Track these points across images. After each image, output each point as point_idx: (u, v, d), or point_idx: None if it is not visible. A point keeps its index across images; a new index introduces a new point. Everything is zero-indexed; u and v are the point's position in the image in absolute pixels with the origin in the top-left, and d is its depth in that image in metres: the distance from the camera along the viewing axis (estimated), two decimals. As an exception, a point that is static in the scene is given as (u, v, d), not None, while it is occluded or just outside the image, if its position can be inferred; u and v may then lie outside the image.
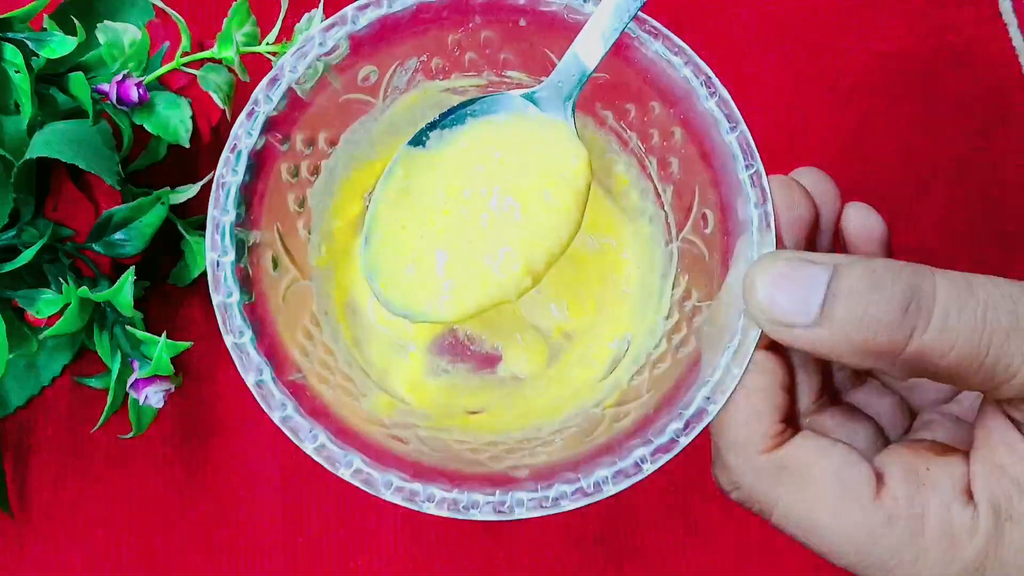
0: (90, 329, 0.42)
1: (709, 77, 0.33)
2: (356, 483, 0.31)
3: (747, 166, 0.33)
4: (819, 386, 0.34)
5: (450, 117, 0.35)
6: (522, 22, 0.35)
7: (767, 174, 0.33)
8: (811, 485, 0.29)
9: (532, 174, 0.34)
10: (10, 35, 0.41)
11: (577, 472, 0.31)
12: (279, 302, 0.34)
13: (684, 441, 0.31)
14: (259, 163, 0.33)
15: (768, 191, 0.32)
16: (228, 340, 0.31)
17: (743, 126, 0.33)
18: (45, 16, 0.43)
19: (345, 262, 0.40)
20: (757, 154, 0.33)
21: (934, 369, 0.27)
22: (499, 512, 0.30)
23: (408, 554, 0.47)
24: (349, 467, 0.31)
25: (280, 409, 0.31)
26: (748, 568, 0.48)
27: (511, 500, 0.30)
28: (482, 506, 0.30)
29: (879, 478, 0.29)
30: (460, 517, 0.30)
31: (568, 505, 0.30)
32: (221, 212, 0.32)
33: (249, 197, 0.33)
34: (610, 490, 0.30)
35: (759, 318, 0.30)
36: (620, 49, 0.34)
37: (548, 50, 0.36)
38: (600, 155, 0.39)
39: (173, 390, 0.42)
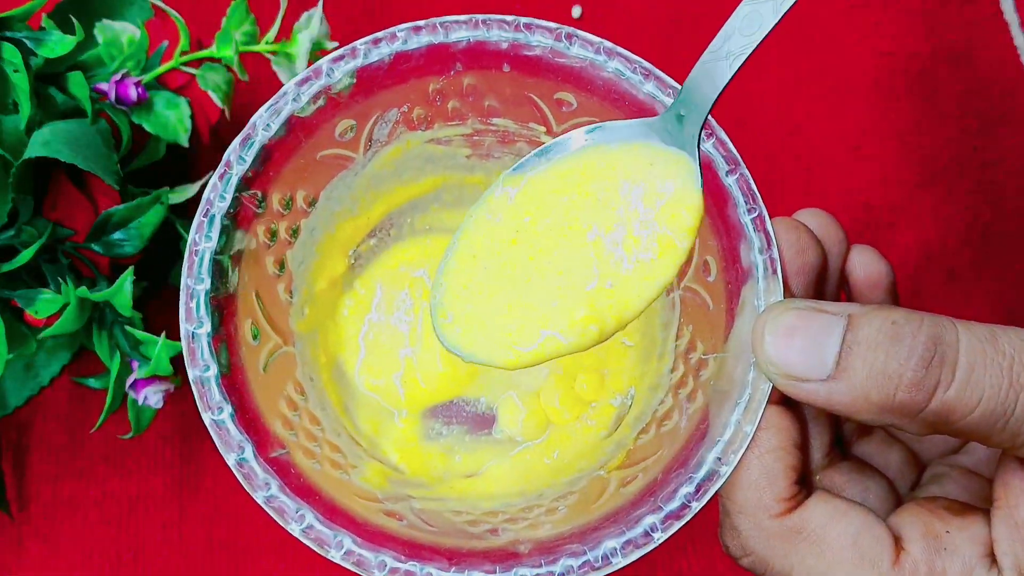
0: (89, 329, 0.42)
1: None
2: (347, 565, 0.29)
3: (749, 210, 0.31)
4: (830, 441, 0.32)
5: (553, 147, 0.32)
6: (505, 67, 0.33)
7: (769, 190, 0.31)
8: (827, 551, 0.28)
9: (631, 216, 0.31)
10: (8, 34, 0.41)
11: (584, 544, 0.29)
12: (259, 372, 0.32)
13: (696, 506, 0.29)
14: (234, 227, 0.32)
15: (773, 235, 0.31)
16: (206, 417, 0.30)
17: (743, 167, 0.31)
18: (43, 15, 0.43)
19: (330, 324, 0.38)
20: (759, 197, 0.31)
21: (956, 427, 0.26)
22: None
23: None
24: (339, 549, 0.29)
25: (263, 489, 0.29)
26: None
27: None
28: (483, 586, 0.28)
29: (897, 542, 0.28)
30: (460, 599, 0.28)
31: (575, 581, 0.28)
32: (195, 280, 0.31)
33: (225, 263, 0.31)
34: (620, 562, 0.29)
35: (770, 372, 0.28)
36: (606, 90, 0.33)
37: (533, 94, 0.34)
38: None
39: (172, 390, 0.42)
